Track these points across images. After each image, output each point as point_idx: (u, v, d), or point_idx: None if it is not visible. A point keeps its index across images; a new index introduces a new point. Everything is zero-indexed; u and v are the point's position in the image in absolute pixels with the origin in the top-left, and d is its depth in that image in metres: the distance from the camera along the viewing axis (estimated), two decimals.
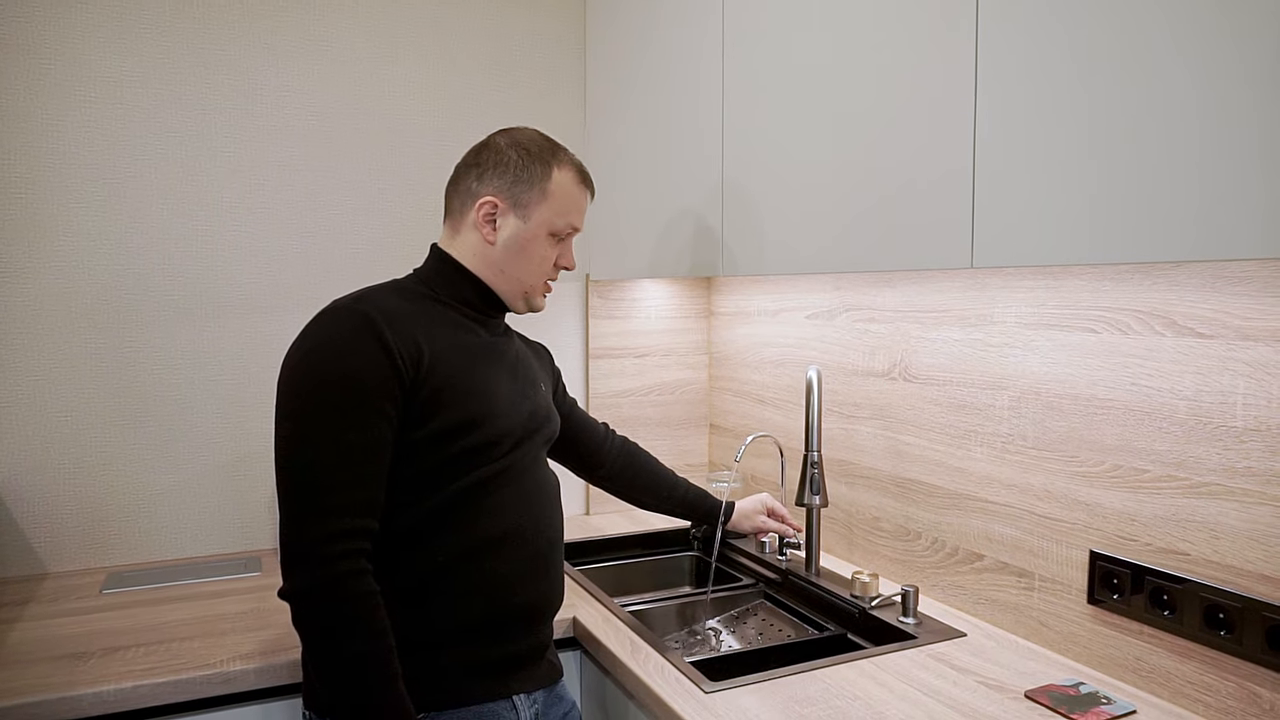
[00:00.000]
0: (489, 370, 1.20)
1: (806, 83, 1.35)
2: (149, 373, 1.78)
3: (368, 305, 1.11)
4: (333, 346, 1.08)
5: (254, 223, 1.85)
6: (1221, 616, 1.10)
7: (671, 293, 2.24)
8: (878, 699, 1.17)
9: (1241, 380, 1.08)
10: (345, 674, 1.02)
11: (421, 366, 1.11)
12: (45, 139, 1.69)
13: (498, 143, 1.26)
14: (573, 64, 2.13)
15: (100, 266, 1.74)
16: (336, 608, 1.03)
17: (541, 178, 1.24)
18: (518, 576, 1.18)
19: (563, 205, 1.25)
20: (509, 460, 1.19)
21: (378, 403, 1.07)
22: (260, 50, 1.84)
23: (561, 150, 1.28)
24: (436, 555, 1.13)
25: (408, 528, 1.12)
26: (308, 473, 1.05)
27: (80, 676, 1.24)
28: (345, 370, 1.07)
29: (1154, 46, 0.85)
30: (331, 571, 1.03)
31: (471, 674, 1.16)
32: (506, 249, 1.24)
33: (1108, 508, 1.25)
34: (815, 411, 1.58)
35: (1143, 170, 0.87)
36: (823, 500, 1.60)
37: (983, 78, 1.04)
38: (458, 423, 1.13)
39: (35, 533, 1.72)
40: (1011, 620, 1.41)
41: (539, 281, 1.28)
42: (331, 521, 1.04)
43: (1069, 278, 1.30)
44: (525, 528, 1.19)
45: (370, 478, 1.07)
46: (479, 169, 1.25)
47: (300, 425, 1.07)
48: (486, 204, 1.23)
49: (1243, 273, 1.08)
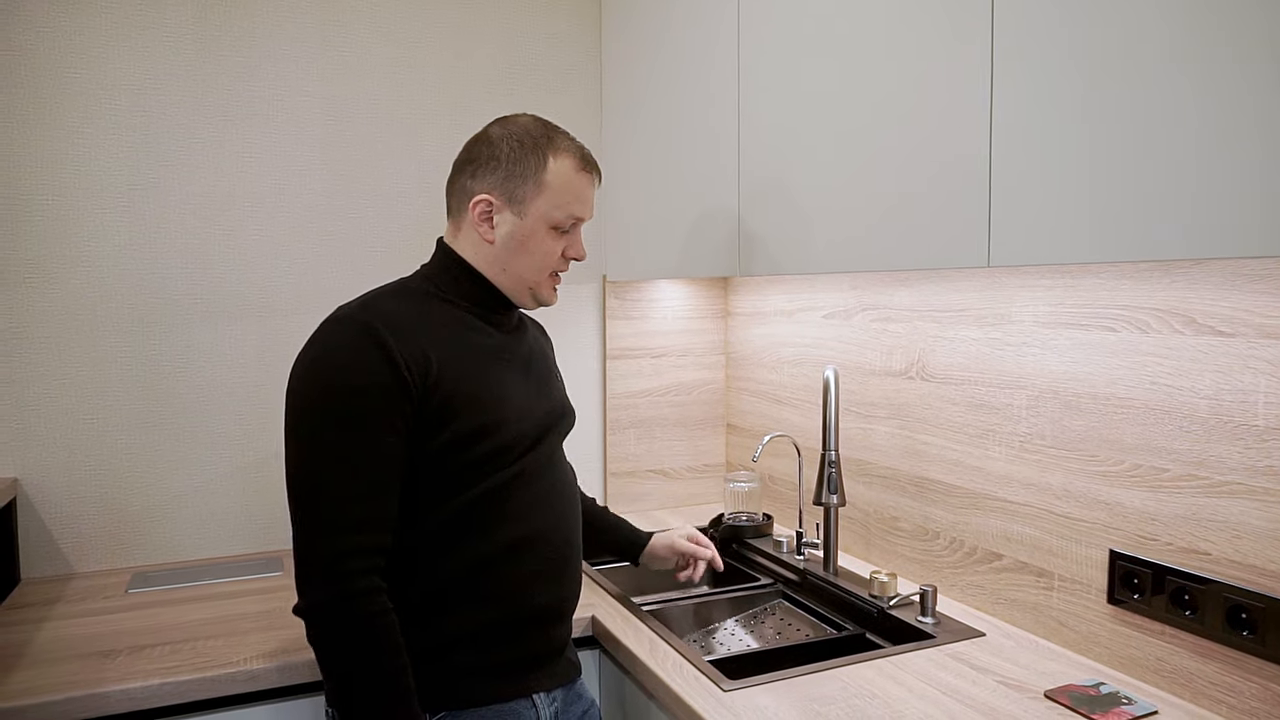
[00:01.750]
0: (501, 373, 1.18)
1: (822, 82, 1.35)
2: (173, 375, 1.81)
3: (371, 314, 1.09)
4: (337, 359, 1.06)
5: (274, 226, 1.87)
6: (1244, 617, 1.09)
7: (688, 293, 2.24)
8: (896, 698, 1.17)
9: (1263, 378, 1.08)
10: (357, 692, 1.03)
11: (430, 376, 1.08)
12: (70, 145, 1.72)
13: (491, 134, 1.21)
14: (588, 64, 2.13)
15: (124, 270, 1.76)
16: (349, 626, 1.03)
17: (536, 169, 1.18)
18: (537, 579, 1.18)
19: (562, 196, 1.19)
20: (525, 463, 1.17)
21: (385, 416, 1.05)
22: (280, 55, 1.86)
23: (559, 136, 1.21)
24: (455, 562, 1.12)
25: (425, 536, 1.12)
26: (317, 491, 1.04)
27: (108, 674, 1.26)
28: (350, 384, 1.05)
29: (1166, 47, 0.85)
30: (343, 590, 1.03)
31: (491, 674, 1.16)
32: (506, 247, 1.19)
33: (1128, 507, 1.24)
34: (833, 411, 1.58)
35: (1156, 168, 0.86)
36: (840, 500, 1.60)
37: (998, 76, 1.04)
38: (471, 430, 1.11)
39: (62, 534, 1.75)
40: (1031, 620, 1.40)
41: (543, 277, 1.23)
42: (342, 539, 1.03)
43: (1087, 276, 1.29)
44: (543, 531, 1.18)
45: (380, 493, 1.06)
46: (473, 165, 1.20)
47: (308, 443, 1.06)
48: (481, 202, 1.18)
49: (1263, 270, 1.07)
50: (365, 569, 1.04)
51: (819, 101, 1.36)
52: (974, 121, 1.07)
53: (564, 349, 2.14)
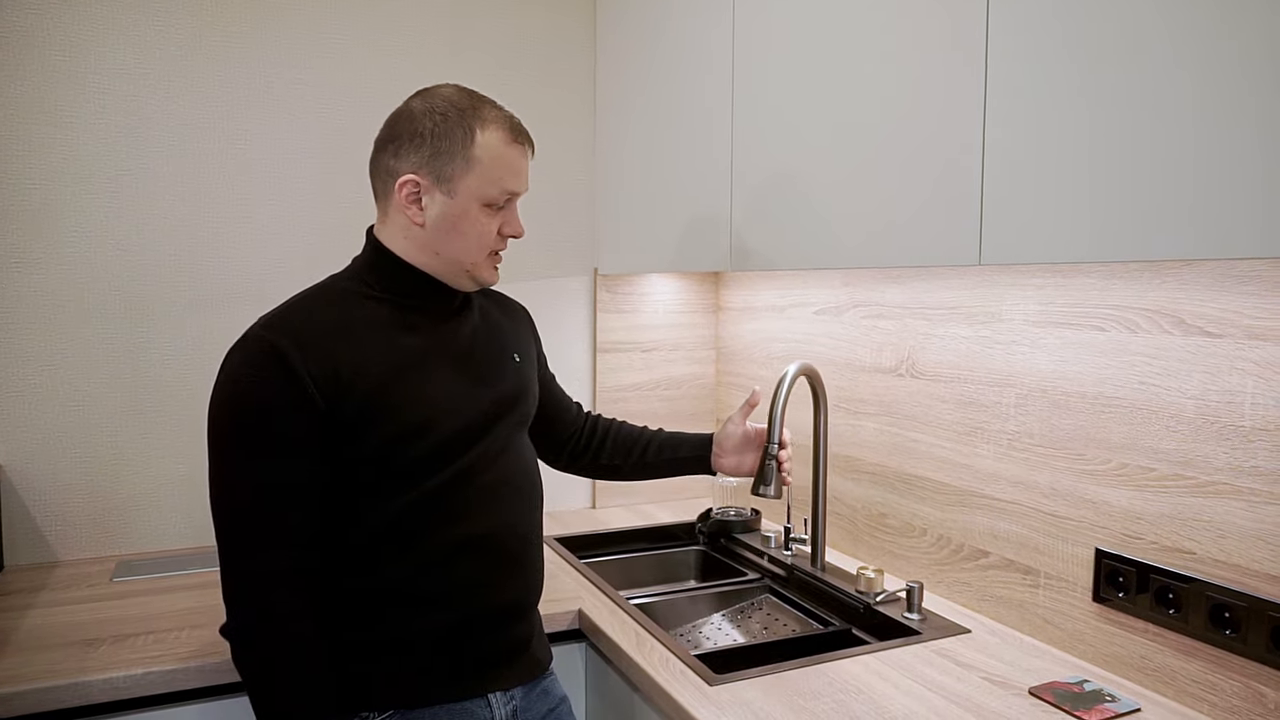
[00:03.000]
0: (430, 370, 1.13)
1: (817, 78, 1.35)
2: (160, 363, 1.80)
3: (277, 332, 1.05)
4: (241, 381, 1.04)
5: (265, 214, 1.86)
6: (1227, 616, 1.10)
7: (679, 287, 2.24)
8: (881, 693, 1.18)
9: (1250, 379, 1.08)
10: (274, 713, 1.02)
11: (339, 385, 1.05)
12: (58, 130, 1.70)
13: (413, 108, 1.12)
14: (583, 58, 2.13)
15: (112, 257, 1.75)
16: (270, 652, 1.02)
17: (464, 144, 1.10)
18: (488, 579, 1.14)
19: (493, 171, 1.11)
20: (467, 460, 1.13)
21: (292, 434, 1.03)
22: (272, 42, 1.84)
23: (485, 106, 1.12)
24: (402, 561, 1.10)
25: (371, 535, 1.09)
26: (233, 514, 1.04)
27: (91, 663, 1.25)
28: (254, 405, 1.03)
29: (1159, 44, 0.85)
30: (261, 612, 1.02)
31: (441, 674, 1.13)
32: (437, 229, 1.12)
33: (1114, 506, 1.25)
34: (781, 404, 1.47)
35: (1151, 168, 0.86)
36: (775, 492, 1.45)
37: (992, 74, 1.04)
38: (397, 434, 1.07)
39: (46, 521, 1.73)
40: (1016, 617, 1.41)
41: (481, 257, 1.15)
42: (258, 560, 1.03)
43: (1078, 275, 1.30)
44: (493, 528, 1.15)
45: (297, 511, 1.05)
46: (395, 143, 1.12)
47: (221, 464, 1.05)
48: (407, 183, 1.11)
49: (1251, 271, 1.08)
50: (286, 590, 1.04)
51: (814, 97, 1.36)
52: (967, 119, 1.07)
53: (554, 342, 2.14)
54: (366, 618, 1.10)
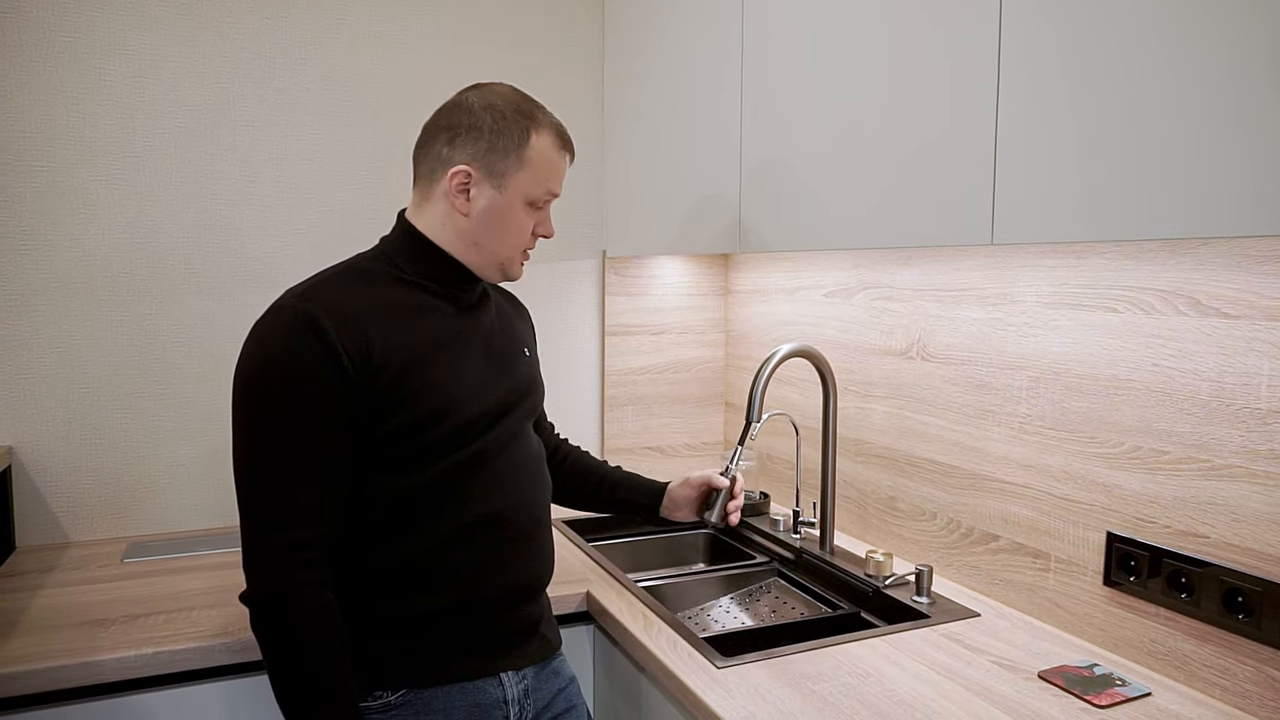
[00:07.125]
0: (455, 354, 1.15)
1: (827, 58, 1.33)
2: (169, 345, 1.80)
3: (313, 303, 1.06)
4: (274, 351, 1.05)
5: (272, 196, 1.85)
6: (1240, 600, 1.09)
7: (688, 270, 2.23)
8: (890, 676, 1.17)
9: (1267, 361, 1.07)
10: (291, 683, 1.03)
11: (372, 363, 1.06)
12: (65, 113, 1.70)
13: (470, 103, 1.15)
14: (591, 39, 2.11)
15: (120, 239, 1.75)
16: (289, 619, 1.03)
17: (519, 144, 1.14)
18: (500, 559, 1.16)
19: (542, 173, 1.16)
20: (484, 442, 1.15)
21: (324, 408, 1.04)
22: (278, 24, 1.83)
23: (539, 111, 1.17)
24: (416, 541, 1.11)
25: (386, 513, 1.10)
26: (259, 483, 1.04)
27: (102, 643, 1.26)
28: (288, 376, 1.03)
29: (1177, 19, 0.83)
30: (284, 583, 1.03)
31: (455, 652, 1.14)
32: (481, 221, 1.15)
33: (1126, 489, 1.24)
34: (763, 383, 1.48)
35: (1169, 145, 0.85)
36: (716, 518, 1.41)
37: (1006, 51, 1.02)
38: (424, 414, 1.09)
39: (58, 502, 1.74)
40: (1026, 601, 1.40)
41: (516, 253, 1.20)
42: (283, 532, 1.03)
43: (1091, 256, 1.28)
44: (505, 510, 1.16)
45: (323, 484, 1.05)
46: (450, 132, 1.14)
47: (249, 435, 1.05)
48: (459, 173, 1.13)
49: (1270, 251, 1.06)
50: (307, 561, 1.04)
51: (823, 77, 1.34)
52: (980, 97, 1.06)
53: (562, 325, 2.13)
54: (380, 596, 1.11)
